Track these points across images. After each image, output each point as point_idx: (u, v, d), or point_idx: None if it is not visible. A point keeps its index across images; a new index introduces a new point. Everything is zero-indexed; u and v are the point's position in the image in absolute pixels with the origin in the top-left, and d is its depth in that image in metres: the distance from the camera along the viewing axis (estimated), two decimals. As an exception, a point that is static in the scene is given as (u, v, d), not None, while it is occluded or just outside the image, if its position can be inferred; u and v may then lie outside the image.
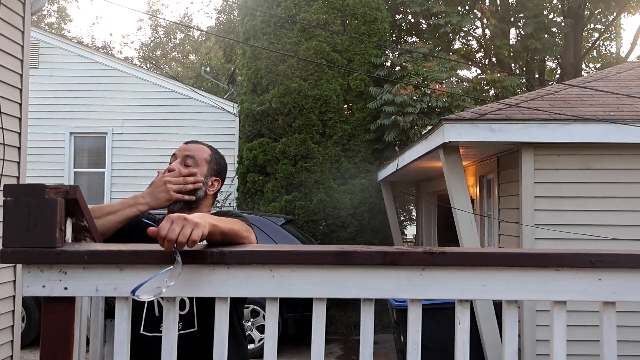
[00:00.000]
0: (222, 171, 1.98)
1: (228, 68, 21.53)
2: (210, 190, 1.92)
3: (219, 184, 1.95)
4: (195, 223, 1.25)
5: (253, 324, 6.71)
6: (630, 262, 1.30)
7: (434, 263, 1.30)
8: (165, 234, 1.22)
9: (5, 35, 3.61)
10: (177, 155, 1.91)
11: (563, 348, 1.32)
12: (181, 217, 1.25)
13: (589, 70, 19.10)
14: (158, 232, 1.23)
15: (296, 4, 10.34)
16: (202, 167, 1.89)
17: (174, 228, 1.23)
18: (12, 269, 3.68)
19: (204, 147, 1.95)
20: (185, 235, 1.22)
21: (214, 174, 1.93)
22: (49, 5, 25.16)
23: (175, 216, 1.26)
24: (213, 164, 1.93)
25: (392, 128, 9.87)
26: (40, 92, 9.85)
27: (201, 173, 1.88)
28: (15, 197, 1.28)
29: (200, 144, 1.96)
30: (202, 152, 1.93)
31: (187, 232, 1.22)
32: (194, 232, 1.23)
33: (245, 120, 10.53)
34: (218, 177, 1.95)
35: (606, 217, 5.05)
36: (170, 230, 1.22)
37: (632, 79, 7.10)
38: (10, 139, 3.61)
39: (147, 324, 1.78)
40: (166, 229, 1.23)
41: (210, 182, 1.92)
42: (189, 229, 1.23)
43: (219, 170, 1.95)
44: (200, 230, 1.24)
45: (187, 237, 1.22)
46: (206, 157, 1.92)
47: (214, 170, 1.93)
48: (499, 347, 4.97)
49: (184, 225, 1.23)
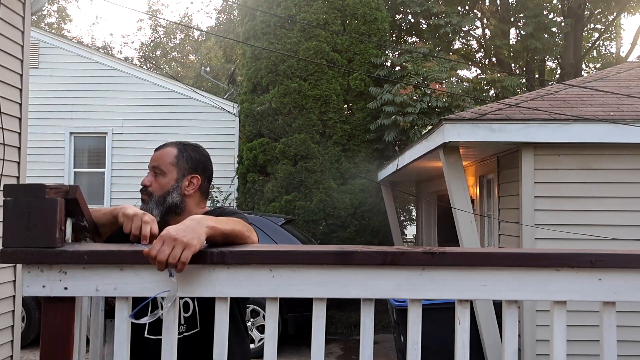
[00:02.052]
0: (198, 166, 1.87)
1: (228, 68, 21.53)
2: (189, 190, 1.83)
3: (198, 180, 1.85)
4: (186, 243, 1.25)
5: (253, 324, 6.71)
6: (630, 262, 1.30)
7: (434, 263, 1.30)
8: (155, 255, 1.24)
9: (5, 35, 3.61)
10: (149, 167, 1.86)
11: (563, 348, 1.32)
12: (171, 238, 1.25)
13: (589, 70, 19.10)
14: (149, 252, 1.25)
15: (296, 4, 10.34)
16: (171, 173, 1.82)
17: (164, 249, 1.24)
18: (12, 269, 3.68)
19: (169, 150, 1.85)
20: (175, 257, 1.23)
21: (188, 172, 1.84)
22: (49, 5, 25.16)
23: (166, 236, 1.26)
24: (183, 163, 1.84)
25: (392, 128, 9.86)
26: (40, 92, 9.84)
27: (170, 179, 1.81)
28: (15, 197, 1.28)
29: (168, 146, 1.87)
30: (167, 156, 1.84)
31: (176, 253, 1.24)
32: (184, 253, 1.24)
33: (245, 120, 10.52)
34: (194, 173, 1.85)
35: (606, 217, 5.05)
36: (160, 252, 1.24)
37: (632, 79, 7.10)
38: (10, 139, 3.61)
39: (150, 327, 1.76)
40: (156, 250, 1.25)
41: (187, 182, 1.83)
42: (178, 250, 1.24)
43: (194, 167, 1.85)
44: (190, 251, 1.25)
45: (177, 259, 1.23)
46: (172, 161, 1.83)
47: (186, 169, 1.84)
48: (499, 347, 4.97)
49: (174, 245, 1.25)
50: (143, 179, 1.85)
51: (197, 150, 1.90)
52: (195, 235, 1.27)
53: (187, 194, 1.84)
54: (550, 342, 1.34)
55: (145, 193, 1.83)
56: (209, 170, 1.92)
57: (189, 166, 1.85)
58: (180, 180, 1.83)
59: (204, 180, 1.89)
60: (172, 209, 1.82)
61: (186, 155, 1.86)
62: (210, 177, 1.94)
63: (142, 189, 1.84)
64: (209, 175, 1.92)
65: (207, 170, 1.91)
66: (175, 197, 1.82)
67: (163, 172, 1.82)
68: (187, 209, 1.84)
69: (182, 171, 1.84)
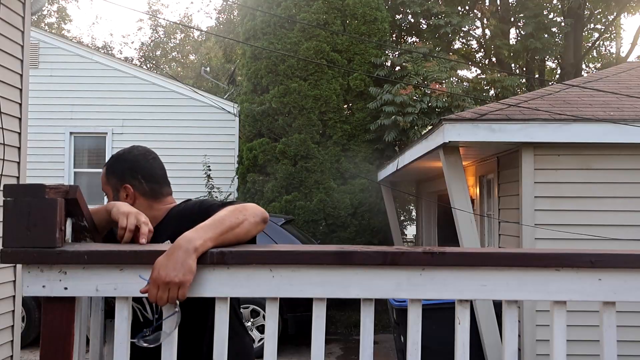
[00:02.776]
0: (124, 174, 1.84)
1: (228, 68, 21.52)
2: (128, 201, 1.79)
3: (129, 187, 1.82)
4: (179, 283, 1.29)
5: (253, 324, 6.71)
6: (630, 262, 1.30)
7: (433, 263, 1.30)
8: (154, 301, 1.31)
9: (5, 35, 3.60)
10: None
11: (563, 348, 1.32)
12: (164, 282, 1.29)
13: (589, 70, 19.10)
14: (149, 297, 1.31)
15: (296, 4, 10.34)
16: (109, 193, 1.86)
17: (161, 296, 1.30)
18: (12, 269, 3.68)
19: (101, 174, 1.90)
20: (173, 298, 1.31)
21: (119, 185, 1.83)
22: (49, 5, 25.16)
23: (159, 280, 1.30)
24: (112, 179, 1.85)
25: (392, 128, 9.86)
26: (40, 92, 9.84)
27: (110, 197, 1.85)
28: (15, 197, 1.28)
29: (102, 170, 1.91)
30: (102, 179, 1.89)
31: (174, 295, 1.30)
32: (180, 292, 1.30)
33: (245, 120, 10.52)
34: (123, 183, 1.83)
35: (606, 217, 5.04)
36: (158, 299, 1.30)
37: (632, 79, 7.10)
38: (10, 139, 3.61)
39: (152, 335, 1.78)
40: (154, 296, 1.30)
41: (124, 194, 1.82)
42: (174, 292, 1.30)
43: (120, 177, 1.84)
44: (185, 287, 1.30)
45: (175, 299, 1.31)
46: (104, 181, 1.87)
47: (116, 183, 1.84)
48: (499, 347, 4.97)
49: (169, 288, 1.30)
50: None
51: (120, 159, 1.87)
52: (185, 269, 1.30)
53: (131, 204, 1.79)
54: (550, 342, 1.34)
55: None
56: (139, 169, 1.84)
57: (117, 179, 1.84)
58: (116, 196, 1.84)
59: (139, 183, 1.83)
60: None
61: (111, 170, 1.87)
62: (149, 175, 1.85)
63: None
64: (145, 174, 1.84)
65: (136, 171, 1.84)
66: None
67: (107, 194, 1.88)
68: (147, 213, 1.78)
69: (114, 187, 1.85)
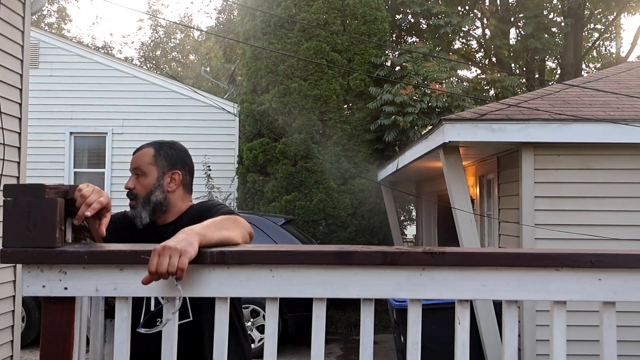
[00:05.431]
0: (177, 161, 1.91)
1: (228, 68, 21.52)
2: (171, 186, 1.87)
3: (179, 175, 1.89)
4: (181, 250, 1.26)
5: (253, 324, 6.71)
6: (630, 262, 1.30)
7: (433, 263, 1.30)
8: (155, 270, 1.25)
9: (5, 35, 3.60)
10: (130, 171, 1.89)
11: (563, 348, 1.32)
12: (166, 248, 1.26)
13: (589, 70, 19.10)
14: (149, 269, 1.26)
15: (296, 4, 10.34)
16: (152, 172, 1.86)
17: (162, 261, 1.25)
18: (12, 269, 3.68)
19: (146, 150, 1.89)
20: (174, 265, 1.24)
21: (167, 169, 1.88)
22: (49, 5, 25.15)
23: (160, 248, 1.27)
24: (161, 161, 1.87)
25: (392, 128, 9.86)
26: (40, 92, 9.85)
27: (152, 178, 1.85)
28: (15, 197, 1.28)
29: (145, 147, 1.90)
30: (145, 156, 1.87)
31: (174, 262, 1.25)
32: (181, 259, 1.25)
33: (245, 120, 10.52)
34: (174, 169, 1.88)
35: (606, 217, 5.04)
36: (158, 265, 1.25)
37: (632, 79, 7.10)
38: (10, 139, 3.61)
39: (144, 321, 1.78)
40: (154, 265, 1.25)
41: (168, 178, 1.87)
42: (175, 259, 1.25)
43: (172, 163, 1.89)
44: (187, 257, 1.26)
45: (175, 267, 1.24)
46: (150, 160, 1.86)
47: (165, 166, 1.88)
48: (499, 347, 4.97)
49: (171, 255, 1.25)
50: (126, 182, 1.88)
51: (173, 147, 1.94)
52: (188, 243, 1.28)
53: (170, 191, 1.87)
54: (550, 342, 1.34)
55: (132, 196, 1.86)
56: (189, 164, 1.95)
57: (168, 163, 1.89)
58: (162, 178, 1.87)
59: (185, 175, 1.92)
60: (158, 207, 1.85)
61: (163, 152, 1.89)
62: (192, 171, 1.97)
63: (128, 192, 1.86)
64: (190, 169, 1.95)
65: (187, 164, 1.94)
66: (159, 195, 1.85)
67: (144, 173, 1.86)
68: (172, 205, 1.88)
69: (161, 169, 1.87)
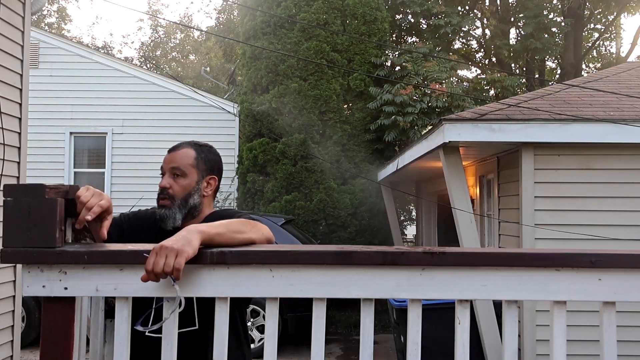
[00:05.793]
0: (214, 167, 1.90)
1: (228, 68, 21.52)
2: (207, 191, 1.86)
3: (215, 181, 1.89)
4: (178, 250, 1.25)
5: (253, 324, 6.71)
6: (630, 262, 1.30)
7: (433, 263, 1.29)
8: (151, 269, 1.25)
9: (5, 35, 3.60)
10: (165, 169, 1.84)
11: (563, 348, 1.32)
12: (163, 247, 1.26)
13: (589, 70, 19.10)
14: (145, 267, 1.26)
15: (296, 4, 10.34)
16: (192, 174, 1.83)
17: (158, 261, 1.25)
18: (12, 269, 3.68)
19: (187, 151, 1.85)
20: (169, 265, 1.24)
21: (206, 174, 1.86)
22: (49, 5, 25.15)
23: (157, 247, 1.26)
24: (202, 165, 1.85)
25: (392, 128, 9.87)
26: (40, 92, 9.84)
27: (192, 180, 1.83)
28: (15, 197, 1.28)
29: (183, 146, 1.87)
30: (186, 157, 1.84)
31: (170, 262, 1.24)
32: (177, 260, 1.24)
33: (245, 120, 10.53)
34: (212, 174, 1.88)
35: (606, 217, 5.04)
36: (154, 264, 1.25)
37: (632, 79, 7.10)
38: (10, 139, 3.61)
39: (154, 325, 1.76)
40: (151, 264, 1.25)
41: (205, 183, 1.86)
42: (172, 259, 1.24)
43: (211, 168, 1.88)
44: (183, 257, 1.25)
45: (171, 267, 1.24)
46: (191, 162, 1.83)
47: (204, 170, 1.86)
48: (499, 347, 4.97)
49: (167, 254, 1.25)
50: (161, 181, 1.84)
51: (212, 151, 1.93)
52: (186, 241, 1.28)
53: (205, 195, 1.87)
54: (550, 342, 1.34)
55: (166, 196, 1.81)
56: (222, 170, 1.96)
57: (207, 167, 1.87)
58: (201, 182, 1.85)
59: (217, 181, 1.92)
60: (192, 211, 1.83)
61: (203, 156, 1.88)
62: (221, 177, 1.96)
63: (162, 191, 1.81)
64: (221, 175, 1.95)
65: (221, 171, 1.95)
66: (196, 199, 1.83)
67: (184, 174, 1.83)
68: (203, 210, 1.86)
69: (201, 172, 1.85)
